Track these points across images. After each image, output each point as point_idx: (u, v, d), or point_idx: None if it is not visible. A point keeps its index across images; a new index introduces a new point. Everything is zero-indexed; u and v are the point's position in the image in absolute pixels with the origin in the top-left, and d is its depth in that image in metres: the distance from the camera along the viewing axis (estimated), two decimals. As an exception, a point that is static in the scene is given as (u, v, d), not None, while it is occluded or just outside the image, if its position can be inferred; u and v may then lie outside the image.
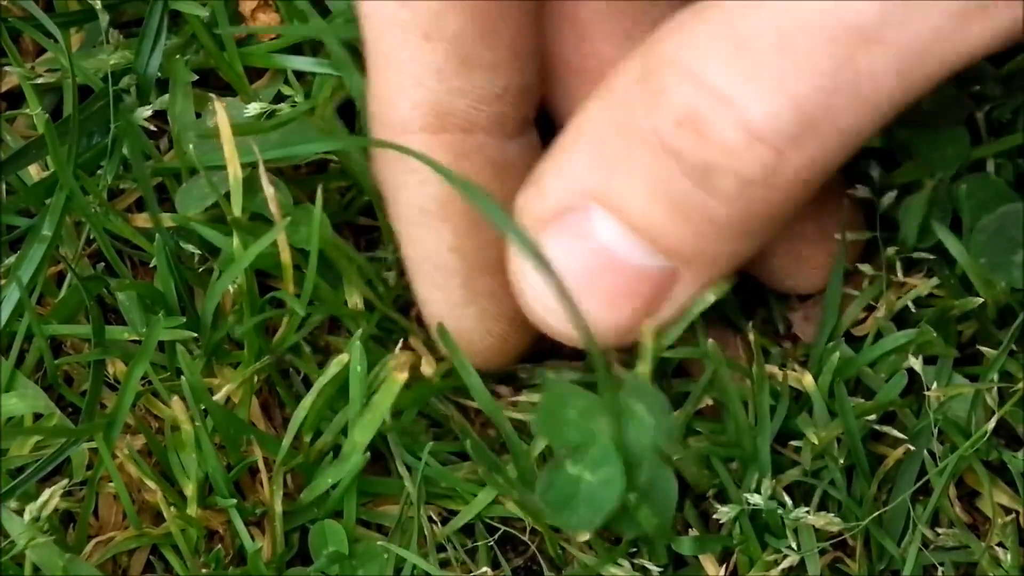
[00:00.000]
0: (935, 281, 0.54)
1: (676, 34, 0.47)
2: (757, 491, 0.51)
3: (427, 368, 0.53)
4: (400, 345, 0.53)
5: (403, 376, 0.51)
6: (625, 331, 0.50)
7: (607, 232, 0.49)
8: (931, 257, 0.54)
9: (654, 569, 0.51)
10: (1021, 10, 0.43)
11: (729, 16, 0.45)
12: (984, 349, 0.53)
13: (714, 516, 0.51)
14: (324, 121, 0.55)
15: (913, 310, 0.53)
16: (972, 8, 0.43)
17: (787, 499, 0.51)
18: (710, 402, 0.52)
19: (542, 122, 0.52)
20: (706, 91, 0.45)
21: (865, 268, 0.54)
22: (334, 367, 0.51)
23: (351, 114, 0.57)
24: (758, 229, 0.48)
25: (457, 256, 0.51)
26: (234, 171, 0.53)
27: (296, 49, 0.57)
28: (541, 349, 0.54)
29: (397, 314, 0.54)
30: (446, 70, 0.49)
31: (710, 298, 0.49)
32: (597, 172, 0.49)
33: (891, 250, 0.53)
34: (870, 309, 0.54)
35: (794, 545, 0.51)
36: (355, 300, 0.54)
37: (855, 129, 0.45)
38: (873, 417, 0.52)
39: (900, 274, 0.54)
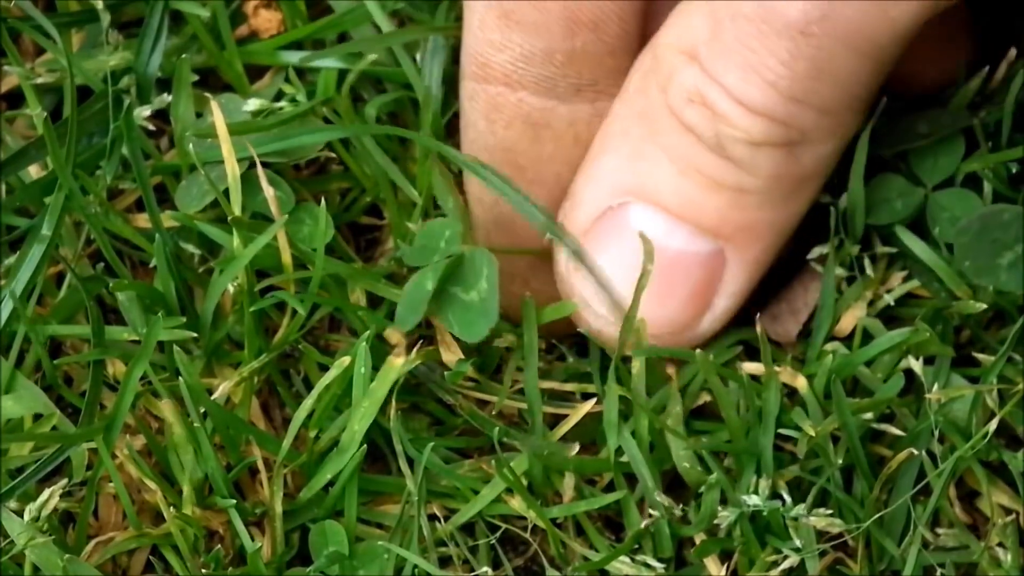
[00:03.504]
0: (915, 283, 0.54)
1: (675, 24, 0.50)
2: (756, 492, 0.51)
3: (448, 355, 0.53)
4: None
5: (400, 360, 0.51)
6: (680, 328, 0.51)
7: (646, 224, 0.50)
8: (894, 251, 0.54)
9: (657, 565, 0.51)
10: None
11: (706, 3, 0.49)
12: (980, 356, 0.53)
13: (715, 522, 0.51)
14: (343, 112, 0.55)
15: (892, 304, 0.53)
16: None
17: (787, 496, 0.51)
18: (708, 398, 0.53)
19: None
20: (706, 72, 0.48)
21: (840, 271, 0.54)
22: (335, 369, 0.51)
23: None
24: (789, 191, 0.50)
25: (479, 207, 0.54)
26: (232, 168, 0.53)
27: (296, 46, 0.57)
28: None
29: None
30: (487, 21, 0.50)
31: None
32: (626, 167, 0.50)
33: (856, 249, 0.54)
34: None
35: (795, 544, 0.51)
36: (357, 297, 0.54)
37: (839, 100, 0.49)
38: (870, 416, 0.52)
39: (869, 271, 0.54)
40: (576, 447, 0.53)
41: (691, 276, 0.51)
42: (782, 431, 0.52)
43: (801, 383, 0.52)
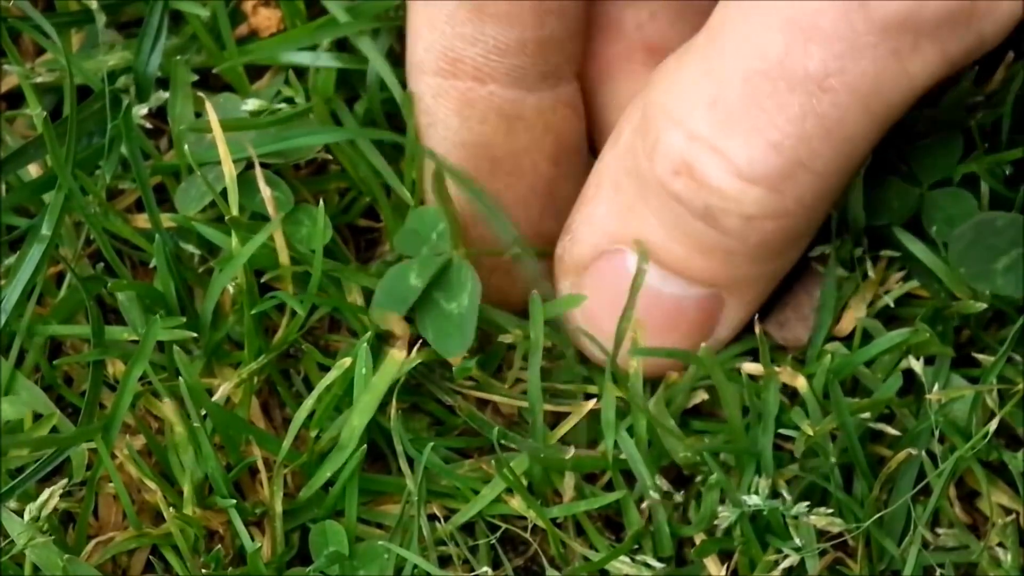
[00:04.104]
0: (915, 283, 0.54)
1: (664, 81, 0.49)
2: (756, 491, 0.51)
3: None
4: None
5: (401, 354, 0.51)
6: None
7: (641, 271, 0.50)
8: (897, 254, 0.54)
9: (657, 565, 0.51)
10: (951, 44, 0.46)
11: (704, 60, 0.47)
12: (980, 356, 0.53)
13: (715, 522, 0.51)
14: (339, 113, 0.55)
15: (892, 305, 0.53)
16: (904, 49, 0.46)
17: (786, 495, 0.51)
18: (706, 396, 0.53)
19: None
20: (696, 141, 0.47)
21: (841, 272, 0.54)
22: (336, 370, 0.51)
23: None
24: (782, 249, 0.50)
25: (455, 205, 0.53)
26: (228, 168, 0.53)
27: (295, 46, 0.57)
28: None
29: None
30: (458, 16, 0.50)
31: None
32: (618, 218, 0.51)
33: (858, 250, 0.54)
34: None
35: (795, 543, 0.51)
36: (354, 297, 0.54)
37: (840, 160, 0.48)
38: (869, 416, 0.52)
39: (871, 272, 0.54)
40: (574, 448, 0.53)
41: (689, 316, 0.51)
42: (781, 431, 0.52)
43: (801, 383, 0.52)
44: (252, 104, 0.55)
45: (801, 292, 0.54)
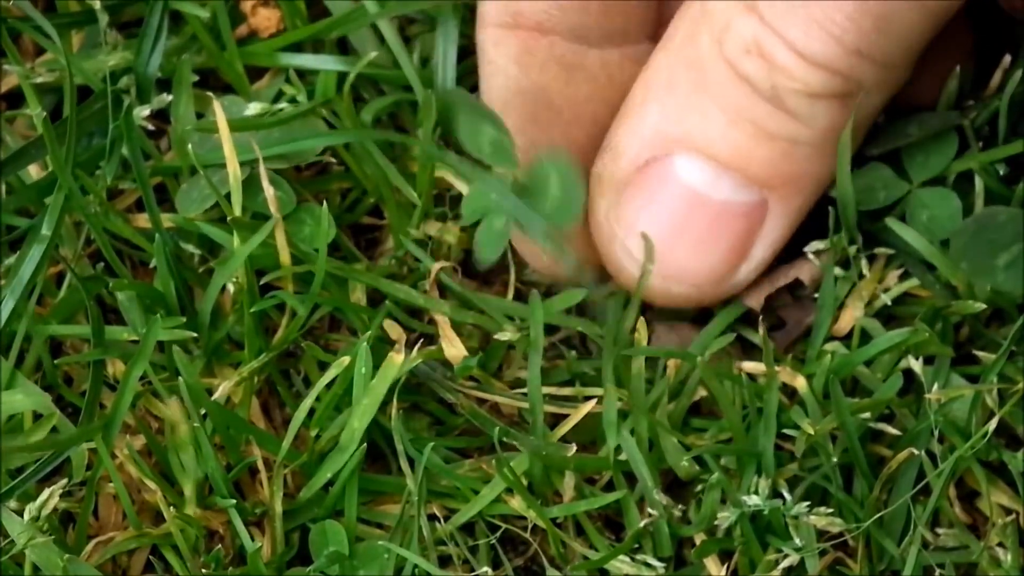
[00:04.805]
0: (913, 282, 0.54)
1: None
2: (756, 492, 0.51)
3: (451, 351, 0.53)
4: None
5: (401, 357, 0.51)
6: (720, 277, 0.52)
7: (691, 174, 0.51)
8: (887, 251, 0.54)
9: (657, 565, 0.51)
10: None
11: None
12: (981, 354, 0.53)
13: (715, 522, 0.51)
14: (344, 114, 0.55)
15: (889, 303, 0.53)
16: None
17: (786, 495, 0.51)
18: (705, 393, 0.53)
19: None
20: (766, 25, 0.49)
21: (838, 272, 0.54)
22: (335, 369, 0.51)
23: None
24: (837, 144, 0.51)
25: None
26: (233, 169, 0.53)
27: (296, 47, 0.57)
28: None
29: (405, 316, 0.54)
30: None
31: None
32: (672, 116, 0.51)
33: (853, 248, 0.54)
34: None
35: (796, 543, 0.51)
36: (358, 296, 0.54)
37: (899, 55, 0.49)
38: (869, 416, 0.52)
39: (865, 270, 0.54)
40: (575, 447, 0.53)
41: (733, 227, 0.51)
42: (781, 431, 0.52)
43: (800, 383, 0.52)
44: (255, 108, 0.55)
45: (782, 268, 0.54)
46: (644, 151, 0.51)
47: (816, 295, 0.54)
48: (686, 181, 0.51)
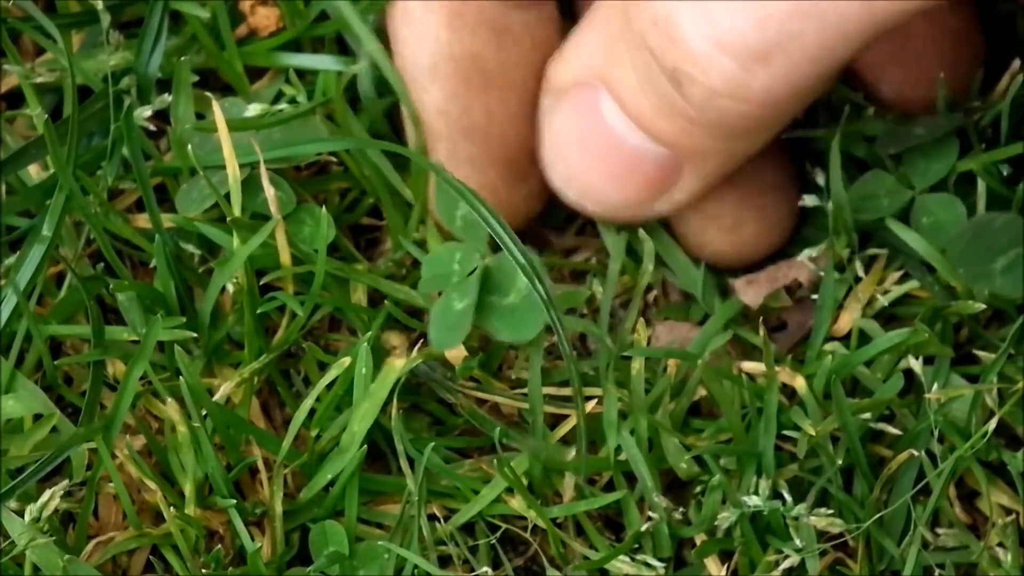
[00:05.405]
0: (913, 283, 0.54)
1: None
2: (756, 492, 0.51)
3: (452, 352, 0.53)
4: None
5: (401, 362, 0.51)
6: (635, 205, 0.52)
7: (610, 112, 0.50)
8: (883, 252, 0.54)
9: (657, 565, 0.51)
10: None
11: None
12: (981, 353, 0.53)
13: (715, 523, 0.51)
14: (340, 116, 0.55)
15: (886, 304, 0.53)
16: None
17: (787, 496, 0.51)
18: (705, 392, 0.53)
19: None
20: (678, 4, 0.46)
21: (835, 275, 0.54)
22: (335, 369, 0.51)
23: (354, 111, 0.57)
24: (743, 135, 0.49)
25: (443, 120, 0.52)
26: (233, 170, 0.53)
27: (296, 46, 0.57)
28: None
29: (404, 315, 0.54)
30: None
31: None
32: (603, 54, 0.50)
33: (847, 252, 0.54)
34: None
35: (796, 544, 0.51)
36: (359, 297, 0.54)
37: (823, 54, 0.46)
38: (870, 416, 0.52)
39: (860, 271, 0.54)
40: (575, 448, 0.53)
41: (646, 171, 0.51)
42: (781, 431, 0.52)
43: (800, 383, 0.52)
44: (255, 109, 0.55)
45: (780, 268, 0.54)
46: (580, 72, 0.51)
47: (816, 296, 0.54)
48: (606, 118, 0.51)
